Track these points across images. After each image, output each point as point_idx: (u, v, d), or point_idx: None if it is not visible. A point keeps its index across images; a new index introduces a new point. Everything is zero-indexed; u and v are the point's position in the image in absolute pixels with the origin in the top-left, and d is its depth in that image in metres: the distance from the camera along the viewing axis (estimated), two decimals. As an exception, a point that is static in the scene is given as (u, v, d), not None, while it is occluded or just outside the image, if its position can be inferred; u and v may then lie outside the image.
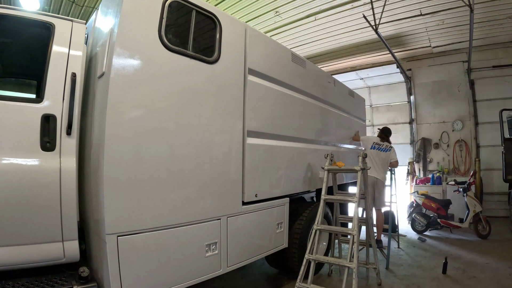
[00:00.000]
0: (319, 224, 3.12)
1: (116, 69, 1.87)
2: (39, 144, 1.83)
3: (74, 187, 1.93)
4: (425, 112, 8.54)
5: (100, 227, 1.85)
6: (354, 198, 3.18)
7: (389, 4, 5.74)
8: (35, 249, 1.81)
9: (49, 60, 1.95)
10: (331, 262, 3.48)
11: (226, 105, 2.61)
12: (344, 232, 3.34)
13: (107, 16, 2.19)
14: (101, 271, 1.94)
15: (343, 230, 3.38)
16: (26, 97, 2.37)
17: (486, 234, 5.57)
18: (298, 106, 3.60)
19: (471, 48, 6.61)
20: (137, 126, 1.97)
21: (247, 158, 2.78)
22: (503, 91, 7.46)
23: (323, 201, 3.25)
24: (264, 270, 3.99)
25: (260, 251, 2.99)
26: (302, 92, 3.66)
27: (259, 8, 6.16)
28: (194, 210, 2.31)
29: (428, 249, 5.02)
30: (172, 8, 2.21)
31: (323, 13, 6.26)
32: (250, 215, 2.82)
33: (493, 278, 3.67)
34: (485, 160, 7.49)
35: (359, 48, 7.88)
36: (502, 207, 7.05)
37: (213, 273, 2.44)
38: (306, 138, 3.76)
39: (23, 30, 2.13)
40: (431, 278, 3.73)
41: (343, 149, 5.01)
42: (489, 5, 5.79)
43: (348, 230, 3.04)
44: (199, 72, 2.38)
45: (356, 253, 2.87)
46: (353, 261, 2.83)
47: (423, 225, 5.90)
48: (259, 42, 3.04)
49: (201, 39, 2.49)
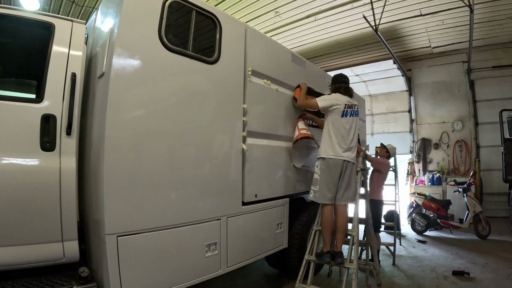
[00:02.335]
0: (319, 225, 3.12)
1: (116, 69, 1.87)
2: (39, 144, 1.83)
3: (74, 187, 1.93)
4: (425, 112, 8.54)
5: (100, 227, 1.85)
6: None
7: (389, 4, 5.74)
8: (35, 249, 1.81)
9: (49, 60, 1.95)
10: (331, 263, 3.47)
11: (226, 105, 2.61)
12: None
13: (107, 16, 2.19)
14: (100, 271, 1.93)
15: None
16: (26, 97, 2.37)
17: (486, 234, 5.58)
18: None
19: (471, 48, 6.62)
20: (137, 126, 1.97)
21: (247, 158, 2.78)
22: (503, 91, 7.47)
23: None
24: (264, 270, 3.99)
25: (260, 251, 2.98)
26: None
27: (259, 8, 6.16)
28: (194, 210, 2.31)
29: (428, 249, 5.02)
30: (172, 8, 2.21)
31: (323, 13, 6.27)
32: (250, 215, 2.82)
33: (493, 278, 3.67)
34: (485, 161, 7.49)
35: (359, 48, 7.88)
36: (502, 208, 7.05)
37: (213, 273, 2.44)
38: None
39: (23, 30, 2.13)
40: (431, 278, 3.73)
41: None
42: (489, 5, 5.79)
43: (348, 231, 3.04)
44: (199, 72, 2.38)
45: (356, 254, 2.87)
46: (352, 262, 2.82)
47: (423, 226, 5.91)
48: (259, 42, 3.04)
49: (201, 40, 2.48)
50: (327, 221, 2.97)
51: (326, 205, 2.98)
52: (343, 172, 2.95)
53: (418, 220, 5.95)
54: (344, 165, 2.94)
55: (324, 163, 2.95)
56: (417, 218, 5.98)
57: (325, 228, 2.98)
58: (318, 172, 2.99)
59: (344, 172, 2.95)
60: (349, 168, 2.97)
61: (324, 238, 3.01)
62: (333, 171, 2.92)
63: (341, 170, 2.93)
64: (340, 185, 2.98)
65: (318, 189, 2.96)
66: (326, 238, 2.98)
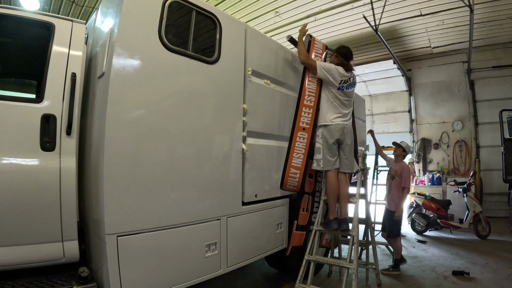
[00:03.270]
0: (319, 225, 3.12)
1: (116, 69, 1.87)
2: (39, 144, 1.83)
3: (74, 187, 1.93)
4: (425, 112, 8.54)
5: (100, 227, 1.85)
6: (354, 198, 3.19)
7: (389, 4, 5.74)
8: (35, 249, 1.81)
9: (49, 60, 1.95)
10: (331, 263, 3.48)
11: (226, 106, 2.60)
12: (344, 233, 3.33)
13: (107, 16, 2.19)
14: (100, 271, 1.93)
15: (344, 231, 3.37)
16: (26, 97, 2.37)
17: (486, 234, 5.58)
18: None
19: (471, 48, 6.62)
20: (137, 126, 1.97)
21: (247, 159, 2.78)
22: (503, 91, 7.47)
23: (322, 202, 3.26)
24: (264, 270, 3.99)
25: (260, 251, 2.98)
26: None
27: (259, 8, 6.16)
28: (193, 210, 2.30)
29: (428, 249, 5.02)
30: (172, 8, 2.21)
31: (323, 13, 6.27)
32: (250, 215, 2.82)
33: (493, 278, 3.67)
34: (485, 161, 7.50)
35: (359, 48, 7.88)
36: (502, 208, 7.05)
37: (213, 274, 2.44)
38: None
39: (23, 30, 2.13)
40: (431, 278, 3.73)
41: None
42: (489, 5, 5.79)
43: (348, 231, 3.04)
44: (199, 73, 2.38)
45: (356, 254, 2.87)
46: (353, 262, 2.82)
47: (423, 226, 5.91)
48: (259, 42, 3.04)
49: (201, 39, 2.48)
50: (332, 188, 3.07)
51: (331, 173, 3.08)
52: (344, 137, 3.06)
53: (418, 220, 5.95)
54: (345, 130, 3.06)
55: (326, 129, 3.05)
56: (417, 218, 5.98)
57: (331, 196, 3.09)
58: (320, 141, 3.08)
59: (345, 138, 3.06)
60: (348, 134, 3.11)
61: (330, 206, 3.11)
62: (334, 135, 3.02)
63: (342, 134, 3.04)
64: (340, 153, 3.11)
65: (322, 156, 3.05)
66: (332, 206, 3.09)
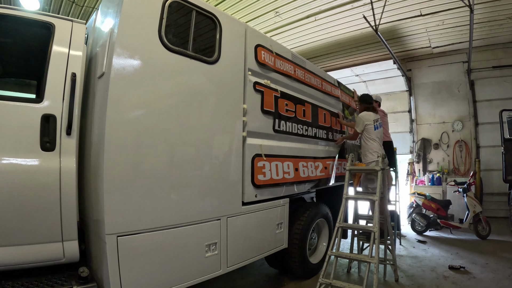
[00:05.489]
0: (341, 222, 3.23)
1: (116, 69, 1.87)
2: (39, 144, 1.83)
3: (74, 187, 1.93)
4: (425, 112, 8.54)
5: (100, 227, 1.85)
6: (375, 196, 3.23)
7: (389, 5, 5.74)
8: (35, 249, 1.81)
9: (49, 60, 1.95)
10: (353, 258, 3.52)
11: (226, 106, 2.60)
12: (365, 230, 3.41)
13: (107, 16, 2.19)
14: (100, 271, 1.93)
15: (364, 227, 3.45)
16: (26, 97, 2.37)
17: (486, 234, 5.57)
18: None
19: (471, 48, 6.62)
20: (137, 126, 1.97)
21: (247, 159, 2.77)
22: (503, 91, 7.47)
23: (345, 200, 3.40)
24: (264, 270, 3.99)
25: (260, 251, 2.98)
26: (302, 92, 3.65)
27: (259, 8, 6.16)
28: (194, 210, 2.30)
29: (428, 249, 5.02)
30: (172, 8, 2.21)
31: (323, 13, 6.27)
32: (250, 215, 2.82)
33: (493, 278, 3.67)
34: (485, 161, 7.49)
35: (359, 48, 7.88)
36: (502, 208, 7.05)
37: (213, 274, 2.44)
38: (306, 139, 3.75)
39: (23, 30, 2.13)
40: (431, 278, 3.73)
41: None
42: (489, 5, 5.79)
43: (369, 227, 3.09)
44: (199, 73, 2.38)
45: (377, 250, 2.95)
46: (374, 257, 2.89)
47: (423, 226, 5.91)
48: (259, 42, 3.03)
49: (201, 40, 2.48)
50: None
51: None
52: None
53: (418, 220, 5.95)
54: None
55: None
56: (417, 218, 5.98)
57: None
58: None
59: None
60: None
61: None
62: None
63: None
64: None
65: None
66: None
